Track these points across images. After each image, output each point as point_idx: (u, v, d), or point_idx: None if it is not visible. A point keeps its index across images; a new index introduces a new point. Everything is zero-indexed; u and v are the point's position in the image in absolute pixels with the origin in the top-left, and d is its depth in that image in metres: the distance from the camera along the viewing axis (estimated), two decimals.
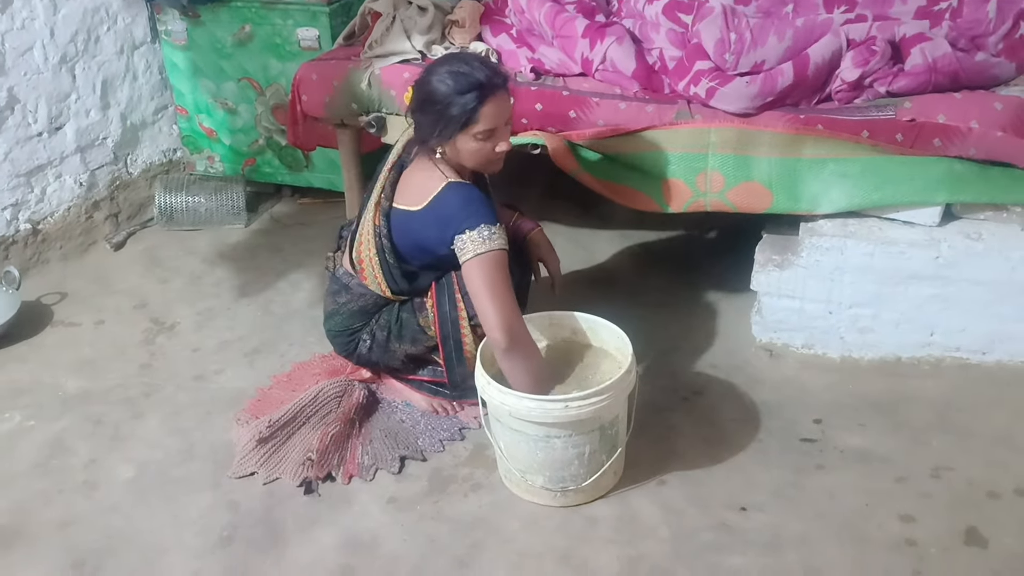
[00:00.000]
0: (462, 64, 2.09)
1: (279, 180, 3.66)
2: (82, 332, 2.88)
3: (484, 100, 2.06)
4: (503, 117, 2.12)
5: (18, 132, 3.13)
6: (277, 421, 2.31)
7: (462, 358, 2.31)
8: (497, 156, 2.16)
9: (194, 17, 3.39)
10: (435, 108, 2.08)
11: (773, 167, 2.43)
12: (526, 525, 2.08)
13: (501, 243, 2.09)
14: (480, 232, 2.07)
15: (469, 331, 2.28)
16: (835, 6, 2.57)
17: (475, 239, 2.07)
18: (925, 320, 2.48)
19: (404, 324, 2.32)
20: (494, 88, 2.08)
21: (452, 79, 2.06)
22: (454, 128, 2.08)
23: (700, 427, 2.34)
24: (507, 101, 2.13)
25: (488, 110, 2.07)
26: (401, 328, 2.33)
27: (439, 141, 2.12)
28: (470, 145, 2.12)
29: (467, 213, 2.09)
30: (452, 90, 2.05)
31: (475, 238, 2.07)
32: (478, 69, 2.07)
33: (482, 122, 2.08)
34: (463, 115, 2.06)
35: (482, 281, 2.07)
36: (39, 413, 2.50)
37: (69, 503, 2.18)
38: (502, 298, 2.07)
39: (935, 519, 2.03)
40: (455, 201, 2.12)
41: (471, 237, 2.07)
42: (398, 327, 2.33)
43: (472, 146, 2.12)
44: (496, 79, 2.09)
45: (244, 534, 2.07)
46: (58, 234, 3.31)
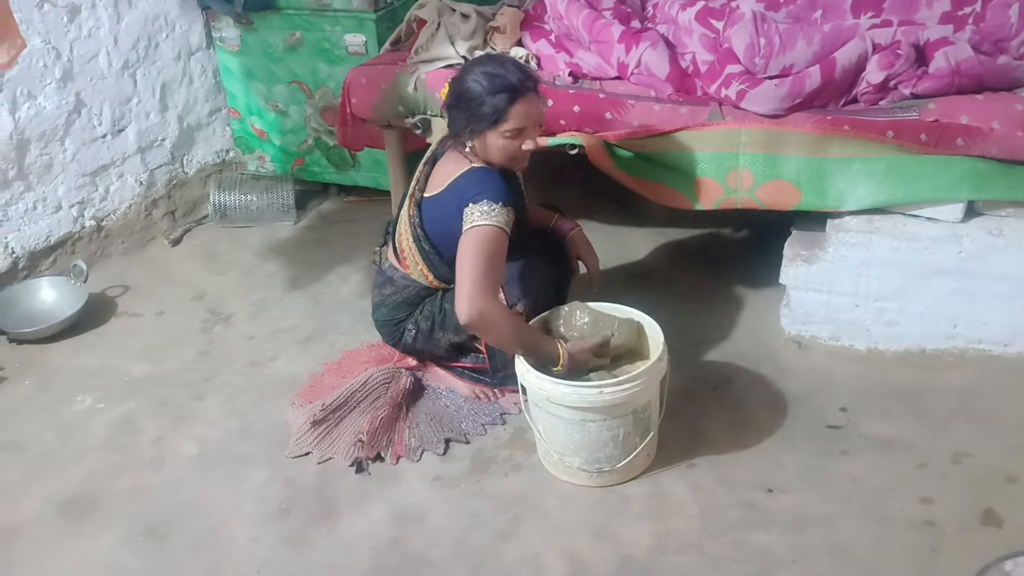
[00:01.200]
0: (497, 66, 2.23)
1: (326, 179, 3.81)
2: (145, 322, 3.06)
3: (514, 101, 2.19)
4: (532, 118, 2.25)
5: (84, 134, 3.32)
6: (330, 405, 2.45)
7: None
8: (523, 154, 2.28)
9: (247, 24, 3.55)
10: (468, 105, 2.22)
11: (801, 166, 2.53)
12: (563, 502, 2.20)
13: (497, 221, 2.18)
14: (480, 206, 2.18)
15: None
16: (862, 12, 2.65)
17: (475, 212, 2.19)
18: (949, 313, 2.56)
19: (447, 314, 2.43)
20: (525, 90, 2.21)
21: (486, 79, 2.20)
22: (484, 125, 2.22)
23: (729, 413, 2.45)
24: (536, 103, 2.26)
25: (517, 110, 2.20)
26: (445, 318, 2.44)
27: (470, 136, 2.26)
28: (498, 142, 2.25)
29: (477, 189, 2.22)
30: (485, 90, 2.19)
31: (474, 211, 2.19)
32: (511, 72, 2.21)
33: (511, 121, 2.21)
34: (494, 113, 2.20)
35: (466, 252, 2.17)
36: (108, 396, 2.67)
37: (139, 476, 2.36)
38: (477, 274, 2.15)
39: (954, 501, 2.12)
40: (471, 179, 2.26)
41: (471, 210, 2.19)
42: (442, 317, 2.45)
43: (500, 143, 2.25)
44: (528, 82, 2.22)
45: (300, 507, 2.22)
46: (120, 230, 3.50)
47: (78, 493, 2.31)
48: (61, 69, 3.18)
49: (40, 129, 3.16)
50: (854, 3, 2.66)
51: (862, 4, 2.66)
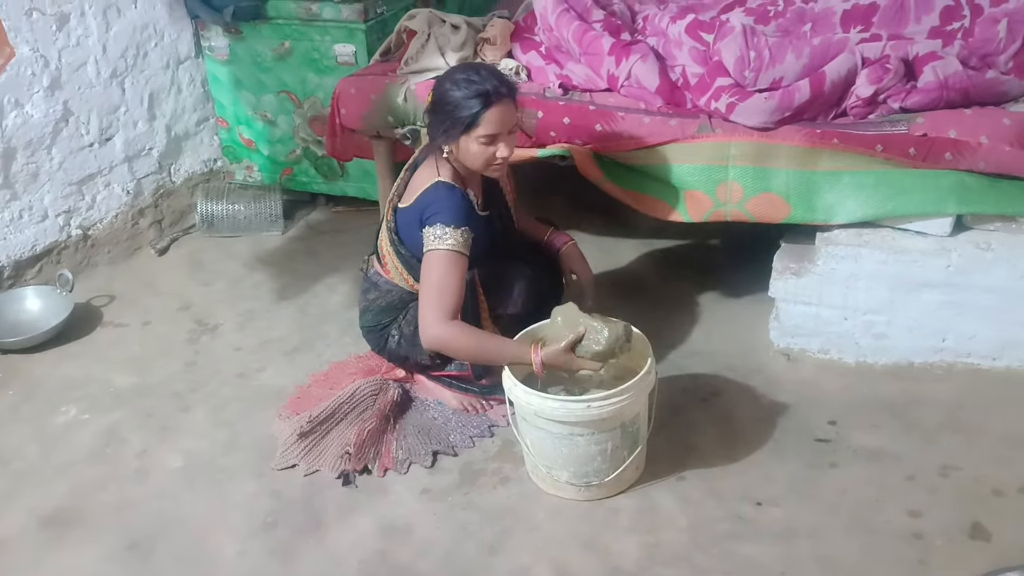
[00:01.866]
0: (473, 72, 2.26)
1: (314, 189, 3.80)
2: (130, 332, 3.04)
3: (488, 106, 2.21)
4: (506, 125, 2.26)
5: (71, 143, 3.30)
6: (317, 417, 2.44)
7: None
8: (498, 161, 2.30)
9: (236, 33, 3.54)
10: (444, 109, 2.25)
11: (790, 179, 2.54)
12: (551, 515, 2.19)
13: (451, 245, 2.23)
14: (435, 230, 2.24)
15: (490, 323, 2.41)
16: (851, 26, 2.67)
17: (429, 235, 2.25)
18: (937, 326, 2.57)
19: None
20: (499, 96, 2.23)
21: (462, 85, 2.23)
22: (459, 129, 2.24)
23: (718, 426, 2.44)
24: (511, 110, 2.27)
25: (491, 116, 2.22)
26: None
27: (446, 140, 2.28)
28: (473, 147, 2.26)
29: (433, 210, 2.26)
30: (461, 95, 2.22)
31: (430, 234, 2.25)
32: (487, 78, 2.24)
33: (483, 127, 2.23)
34: (468, 118, 2.22)
35: (425, 274, 2.26)
36: (93, 406, 2.65)
37: (123, 489, 2.33)
38: (436, 293, 2.22)
39: (942, 514, 2.12)
40: (431, 197, 2.29)
41: (427, 233, 2.25)
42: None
43: (474, 149, 2.26)
44: (502, 88, 2.24)
45: (287, 519, 2.21)
46: (106, 239, 3.48)
47: (61, 506, 2.28)
48: (49, 77, 3.16)
49: (27, 137, 3.14)
50: (843, 17, 2.68)
51: (851, 18, 2.68)
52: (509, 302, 2.44)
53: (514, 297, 2.44)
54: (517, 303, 2.44)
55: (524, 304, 2.45)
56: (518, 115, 2.33)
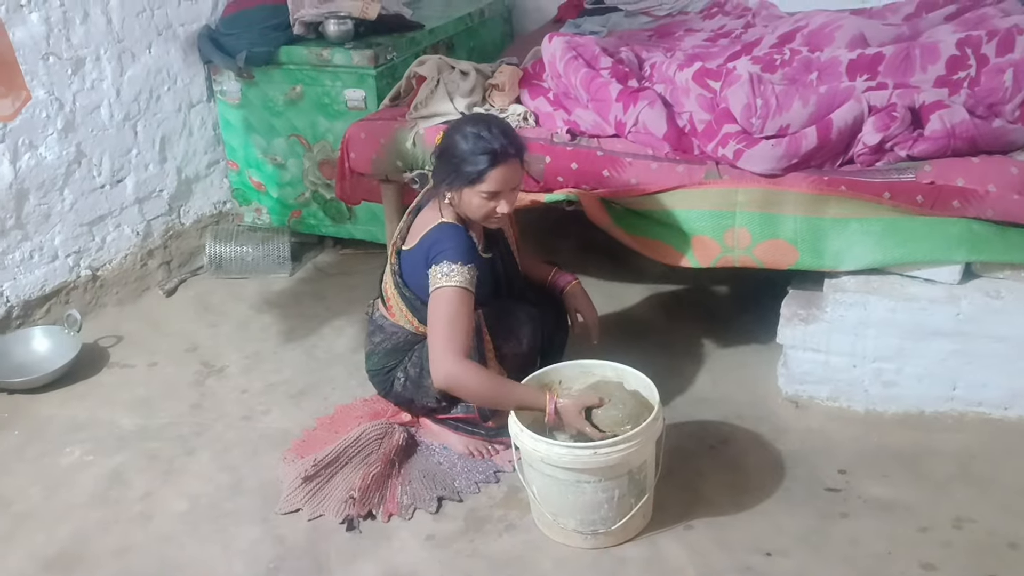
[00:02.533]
0: (484, 128, 2.28)
1: (322, 231, 3.82)
2: (137, 373, 3.03)
3: (494, 165, 2.24)
4: (509, 183, 2.29)
5: (83, 184, 3.33)
6: (321, 460, 2.42)
7: None
8: (497, 215, 2.32)
9: (248, 78, 3.59)
10: (451, 160, 2.28)
11: (798, 225, 2.54)
12: (558, 564, 2.16)
13: (459, 282, 2.24)
14: (442, 268, 2.25)
15: (496, 363, 2.40)
16: (857, 74, 2.68)
17: (436, 274, 2.26)
18: (947, 375, 2.55)
19: None
20: (506, 156, 2.25)
21: (472, 140, 2.25)
22: (463, 182, 2.27)
23: (726, 474, 2.42)
24: (517, 170, 2.31)
25: (496, 175, 2.25)
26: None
27: (448, 188, 2.31)
28: (474, 200, 2.29)
29: (439, 248, 2.28)
30: (469, 150, 2.24)
31: (436, 273, 2.26)
32: (496, 136, 2.25)
33: (488, 183, 2.25)
34: (473, 173, 2.25)
35: (434, 312, 2.26)
36: (97, 448, 2.64)
37: (126, 532, 2.31)
38: (446, 331, 2.22)
39: (956, 568, 2.08)
40: (435, 237, 2.31)
41: (434, 272, 2.26)
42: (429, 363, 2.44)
43: (476, 201, 2.29)
44: (510, 148, 2.27)
45: (290, 565, 2.18)
46: (115, 280, 3.49)
47: (63, 550, 2.26)
48: (63, 120, 3.20)
49: (40, 179, 3.17)
50: (849, 66, 2.70)
51: (857, 67, 2.69)
52: (515, 342, 2.44)
53: (519, 337, 2.44)
54: (522, 343, 2.45)
55: (529, 344, 2.45)
56: (523, 173, 2.35)
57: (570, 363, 2.41)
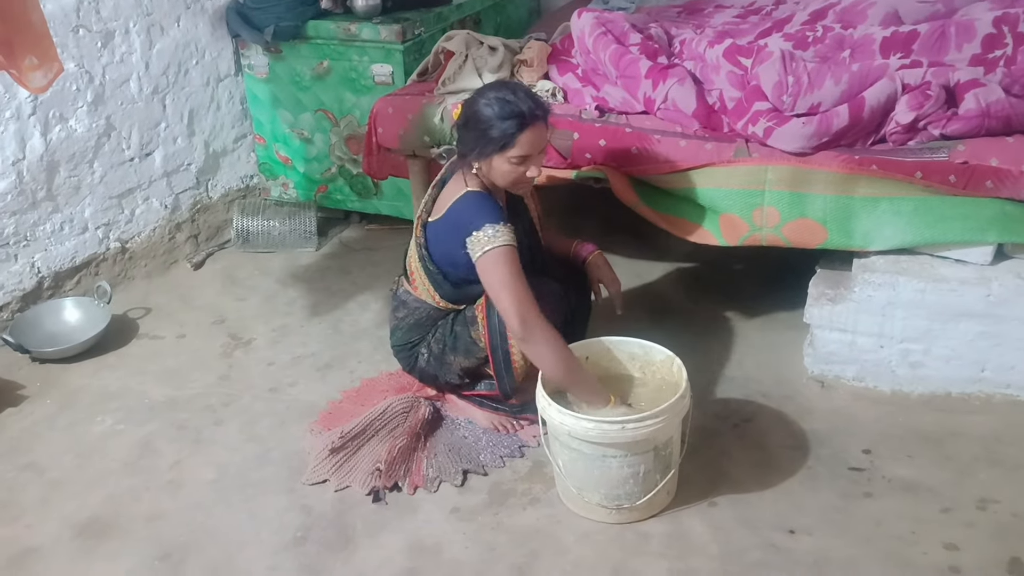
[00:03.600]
0: (508, 92, 2.28)
1: (348, 206, 3.84)
2: (165, 344, 3.07)
3: (523, 128, 2.23)
4: (537, 146, 2.28)
5: (113, 157, 3.36)
6: (348, 433, 2.45)
7: (511, 368, 2.41)
8: (526, 180, 2.32)
9: (276, 52, 3.60)
10: (478, 128, 2.26)
11: (828, 204, 2.52)
12: (581, 538, 2.18)
13: (506, 240, 2.24)
14: (485, 231, 2.24)
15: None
16: (891, 52, 2.65)
17: (481, 238, 2.24)
18: (976, 357, 2.53)
19: (458, 336, 2.45)
20: (534, 119, 2.25)
21: (497, 104, 2.24)
22: (492, 149, 2.26)
23: (751, 452, 2.42)
24: (544, 132, 2.30)
25: (525, 138, 2.24)
26: (456, 340, 2.45)
27: (477, 157, 2.30)
28: (504, 167, 2.28)
29: (472, 216, 2.27)
30: (495, 115, 2.23)
31: (481, 237, 2.24)
32: (522, 99, 2.26)
33: (518, 147, 2.24)
34: (502, 138, 2.24)
35: (493, 275, 2.24)
36: (128, 417, 2.68)
37: (156, 500, 2.35)
38: (513, 289, 2.22)
39: (979, 548, 2.08)
40: (465, 206, 2.30)
41: (477, 237, 2.25)
42: (452, 339, 2.46)
43: (505, 168, 2.28)
44: (537, 111, 2.26)
45: (317, 535, 2.21)
46: (143, 253, 3.53)
47: (95, 516, 2.31)
48: (93, 93, 3.22)
49: (70, 151, 3.20)
50: (883, 44, 2.66)
51: (891, 45, 2.66)
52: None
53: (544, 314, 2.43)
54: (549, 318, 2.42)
55: (553, 321, 2.42)
56: (548, 135, 2.35)
57: (597, 340, 2.42)
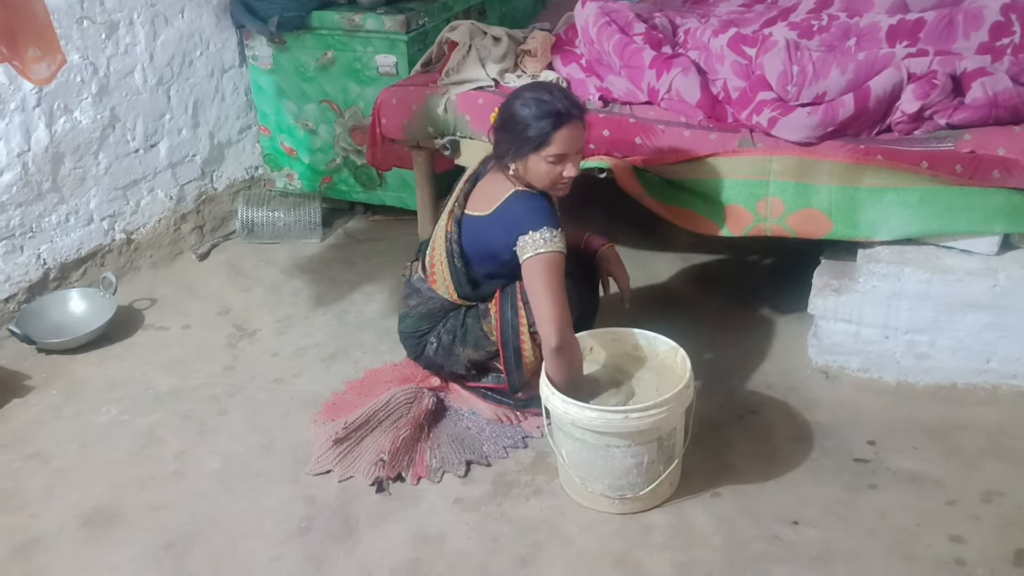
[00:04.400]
0: (545, 92, 2.28)
1: (353, 197, 3.83)
2: (171, 335, 3.08)
3: (559, 126, 2.22)
4: (575, 146, 2.27)
5: (118, 148, 3.36)
6: (352, 423, 2.45)
7: (520, 363, 2.42)
8: (564, 180, 2.30)
9: (280, 43, 3.59)
10: (515, 128, 2.25)
11: (833, 195, 2.51)
12: (584, 529, 2.18)
13: (560, 247, 2.24)
14: (542, 234, 2.23)
15: (528, 338, 2.39)
16: (897, 41, 2.63)
17: (536, 240, 2.23)
18: (981, 348, 2.52)
19: (469, 329, 2.45)
20: (570, 117, 2.24)
21: (534, 105, 2.24)
22: (529, 148, 2.25)
23: (755, 444, 2.41)
24: (580, 131, 2.28)
25: (561, 136, 2.22)
26: (466, 332, 2.45)
27: (513, 158, 2.29)
28: (541, 167, 2.26)
29: (531, 217, 2.26)
30: (532, 114, 2.23)
31: (536, 239, 2.23)
32: (559, 98, 2.25)
33: (554, 146, 2.23)
34: (538, 137, 2.22)
35: (540, 279, 2.23)
36: (133, 407, 2.69)
37: (161, 489, 2.36)
38: (557, 298, 2.22)
39: (984, 541, 2.07)
40: (521, 206, 2.29)
41: (533, 238, 2.23)
42: (463, 331, 2.46)
43: (543, 168, 2.26)
44: (574, 110, 2.25)
45: (320, 525, 2.22)
46: (149, 244, 3.53)
47: (100, 505, 2.31)
48: (97, 84, 3.22)
49: (75, 143, 3.20)
50: (889, 32, 2.65)
51: (897, 34, 2.64)
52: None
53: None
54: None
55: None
56: (585, 135, 2.34)
57: (602, 330, 2.41)
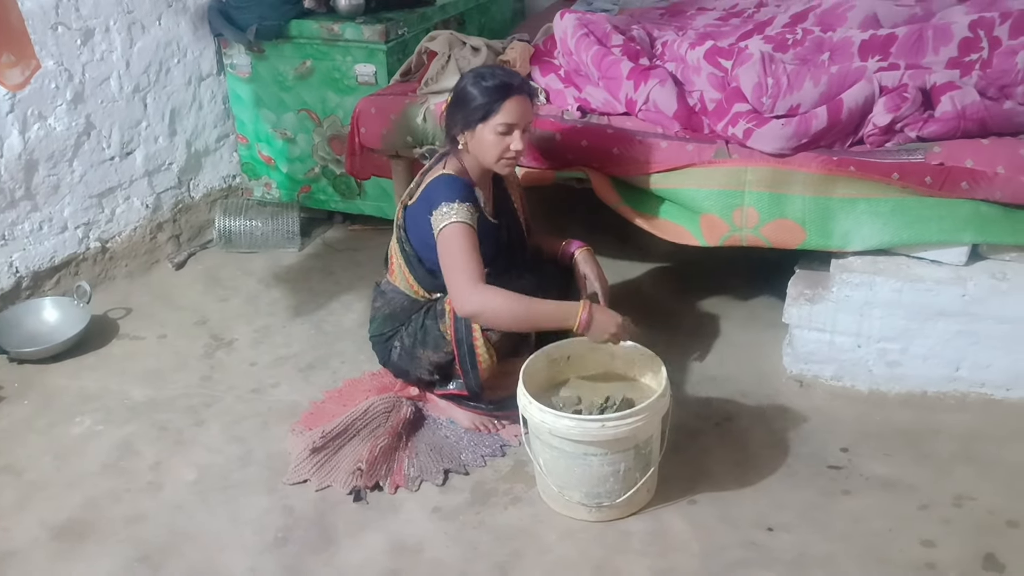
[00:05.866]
0: (497, 69, 2.40)
1: (332, 207, 3.83)
2: (146, 345, 3.06)
3: (507, 96, 2.30)
4: (523, 118, 2.33)
5: (93, 156, 3.34)
6: (330, 432, 2.45)
7: (475, 364, 2.41)
8: (511, 153, 2.34)
9: (259, 52, 3.59)
10: (465, 100, 2.33)
11: (807, 205, 2.54)
12: (563, 537, 2.19)
13: (459, 217, 2.27)
14: (441, 209, 2.29)
15: (481, 337, 2.38)
16: (869, 55, 2.68)
17: (438, 216, 2.30)
18: (951, 356, 2.56)
19: (428, 330, 2.44)
20: (519, 90, 2.33)
21: (487, 77, 2.33)
22: (478, 117, 2.31)
23: (731, 451, 2.44)
24: (528, 105, 2.35)
25: (510, 106, 2.30)
26: (426, 334, 2.45)
27: (462, 129, 2.34)
28: (488, 137, 2.32)
29: (438, 193, 2.32)
30: (481, 87, 2.31)
31: (437, 215, 2.30)
32: (507, 74, 2.37)
33: (502, 114, 2.29)
34: (487, 105, 2.29)
35: (443, 254, 2.30)
36: (108, 418, 2.66)
37: (136, 502, 2.34)
38: (458, 269, 2.25)
39: (955, 545, 2.11)
40: (435, 187, 2.36)
41: (435, 216, 2.30)
42: (422, 333, 2.45)
43: (490, 138, 2.32)
44: (522, 86, 2.36)
45: (298, 536, 2.21)
46: (124, 252, 3.51)
47: (74, 518, 2.29)
48: (72, 91, 3.20)
49: (49, 150, 3.17)
50: (861, 46, 2.69)
51: (870, 48, 2.69)
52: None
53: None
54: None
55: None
56: (533, 113, 2.41)
57: (579, 339, 2.42)
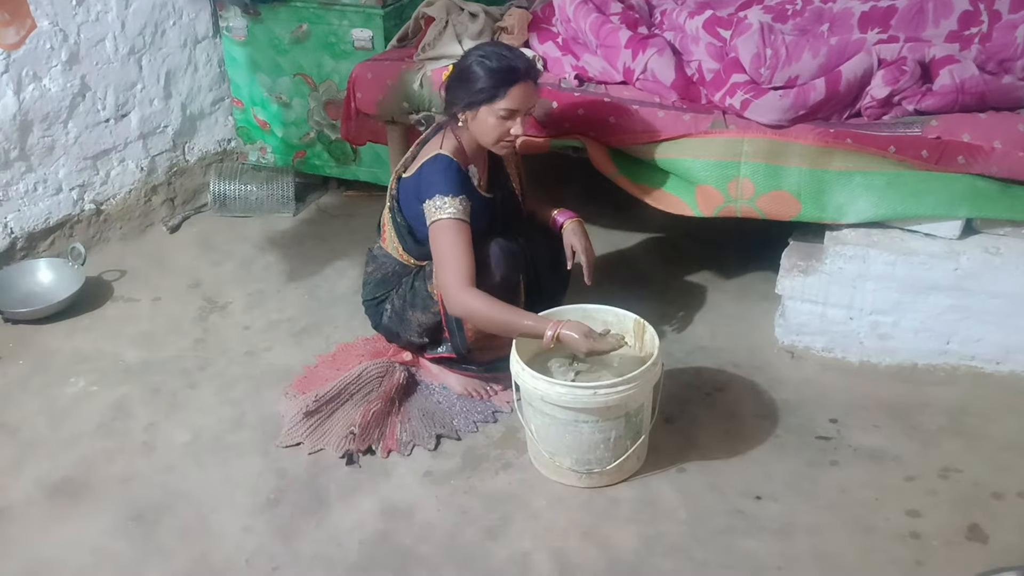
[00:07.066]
0: (505, 50, 2.35)
1: (327, 172, 3.82)
2: (140, 307, 3.06)
3: (515, 82, 2.27)
4: (526, 104, 2.32)
5: (88, 118, 3.32)
6: (323, 396, 2.46)
7: (461, 325, 2.43)
8: (510, 138, 2.34)
9: (255, 15, 3.55)
10: (470, 79, 2.30)
11: (802, 177, 2.54)
12: (552, 503, 2.21)
13: (452, 212, 2.28)
14: (435, 201, 2.29)
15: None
16: (869, 27, 2.66)
17: (430, 208, 2.30)
18: (942, 329, 2.58)
19: (416, 291, 2.46)
20: (526, 75, 2.30)
21: (494, 59, 2.29)
22: (482, 99, 2.29)
23: (721, 421, 2.46)
24: (533, 91, 2.33)
25: (516, 91, 2.28)
26: (415, 296, 2.46)
27: (464, 109, 2.32)
28: (490, 120, 2.30)
29: (432, 182, 2.31)
30: (489, 67, 2.28)
31: (430, 207, 2.30)
32: (516, 56, 2.33)
33: (507, 100, 2.28)
34: (493, 89, 2.27)
35: (434, 248, 2.32)
36: (102, 379, 2.68)
37: (130, 462, 2.36)
38: (448, 267, 2.28)
39: (940, 515, 2.13)
40: (431, 170, 2.34)
41: (428, 206, 2.30)
42: (411, 294, 2.47)
43: (492, 121, 2.31)
44: (530, 70, 2.32)
45: (291, 498, 2.23)
46: (119, 215, 3.50)
47: (68, 477, 2.31)
48: (67, 52, 3.18)
49: (44, 111, 3.16)
50: (861, 18, 2.68)
51: (869, 20, 2.67)
52: (487, 274, 2.34)
53: (491, 269, 2.36)
54: (495, 276, 2.35)
55: (503, 276, 2.37)
56: (537, 99, 2.39)
57: (572, 307, 2.43)
